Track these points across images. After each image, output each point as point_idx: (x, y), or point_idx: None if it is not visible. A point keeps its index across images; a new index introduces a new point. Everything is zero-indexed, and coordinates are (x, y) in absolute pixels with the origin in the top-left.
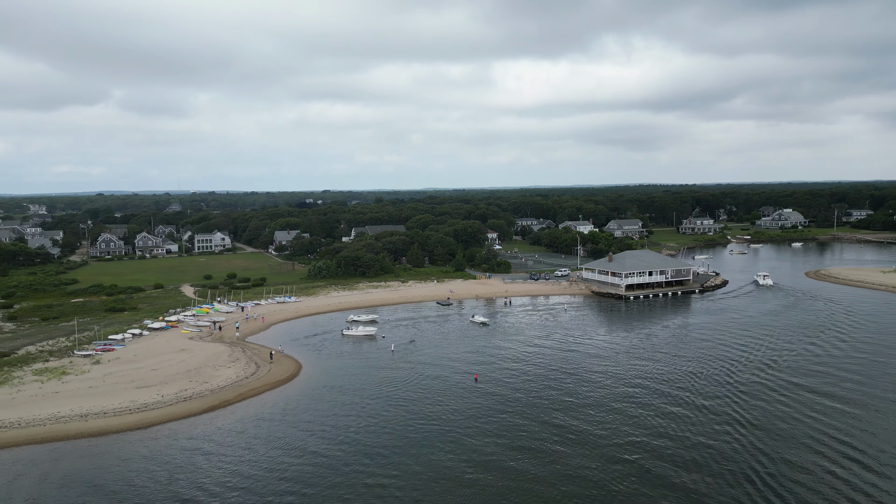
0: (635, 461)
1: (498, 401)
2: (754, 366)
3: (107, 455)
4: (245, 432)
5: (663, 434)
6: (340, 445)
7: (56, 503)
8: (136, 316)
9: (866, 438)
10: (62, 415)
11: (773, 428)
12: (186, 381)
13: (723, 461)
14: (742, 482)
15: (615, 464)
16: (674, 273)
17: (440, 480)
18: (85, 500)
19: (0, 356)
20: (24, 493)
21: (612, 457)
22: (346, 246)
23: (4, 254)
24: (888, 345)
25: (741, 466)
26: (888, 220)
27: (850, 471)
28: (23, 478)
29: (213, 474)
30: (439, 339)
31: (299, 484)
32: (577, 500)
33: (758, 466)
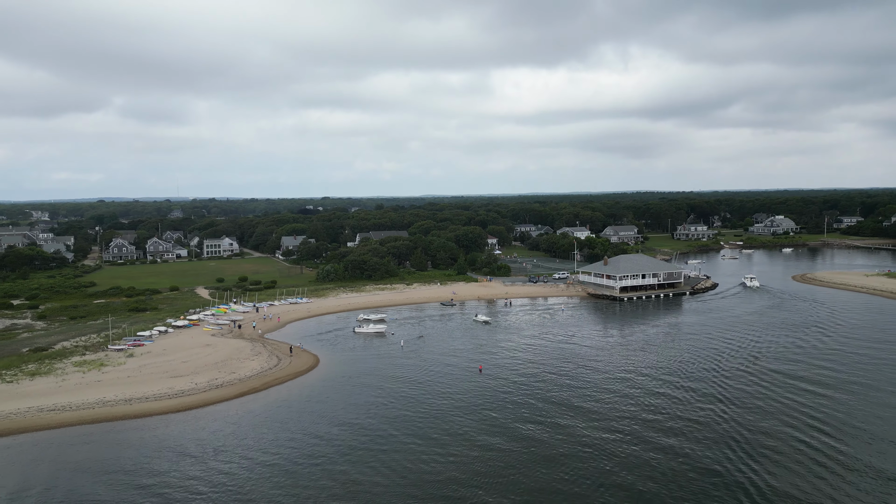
0: (629, 430)
1: (502, 385)
2: (738, 356)
3: (156, 431)
4: (276, 413)
5: (653, 410)
6: (364, 419)
7: (117, 472)
8: (159, 315)
9: (833, 414)
10: (108, 399)
11: (751, 405)
12: (215, 371)
13: (705, 430)
14: (721, 447)
15: (610, 432)
16: (665, 276)
17: (458, 442)
18: (145, 468)
19: (39, 350)
20: (85, 464)
21: (608, 427)
22: (351, 250)
23: (23, 258)
24: (865, 338)
25: (721, 435)
26: (877, 226)
27: (816, 438)
28: (80, 452)
29: (256, 446)
30: (445, 335)
31: (332, 448)
32: (576, 460)
33: (735, 435)
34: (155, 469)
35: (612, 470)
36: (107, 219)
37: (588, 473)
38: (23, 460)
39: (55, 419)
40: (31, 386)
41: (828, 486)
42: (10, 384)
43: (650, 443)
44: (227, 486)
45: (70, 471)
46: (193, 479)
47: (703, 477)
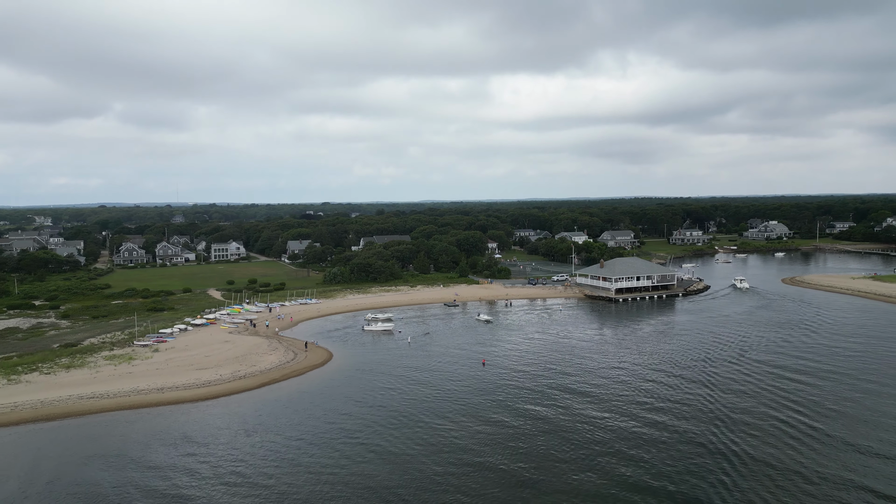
0: (622, 409)
1: (504, 374)
2: (726, 350)
3: (189, 415)
4: (300, 398)
5: (645, 392)
6: (383, 401)
7: (161, 447)
8: (177, 315)
9: (809, 397)
10: (142, 388)
11: (735, 389)
12: (237, 364)
13: (692, 409)
14: (705, 423)
15: (604, 411)
16: (659, 278)
17: (467, 418)
18: (185, 444)
19: (69, 346)
20: (131, 440)
21: (603, 407)
22: (356, 254)
23: (39, 261)
24: (846, 334)
25: (705, 413)
26: (868, 231)
27: (791, 417)
28: (125, 431)
29: (287, 424)
30: (449, 333)
31: (359, 424)
32: (574, 432)
33: (718, 412)
34: (196, 442)
35: (605, 439)
36: (111, 224)
37: (585, 443)
38: (75, 439)
39: (96, 405)
40: (67, 377)
41: (797, 454)
42: (49, 375)
43: (641, 418)
44: (267, 459)
45: (119, 446)
46: (235, 452)
47: (689, 446)
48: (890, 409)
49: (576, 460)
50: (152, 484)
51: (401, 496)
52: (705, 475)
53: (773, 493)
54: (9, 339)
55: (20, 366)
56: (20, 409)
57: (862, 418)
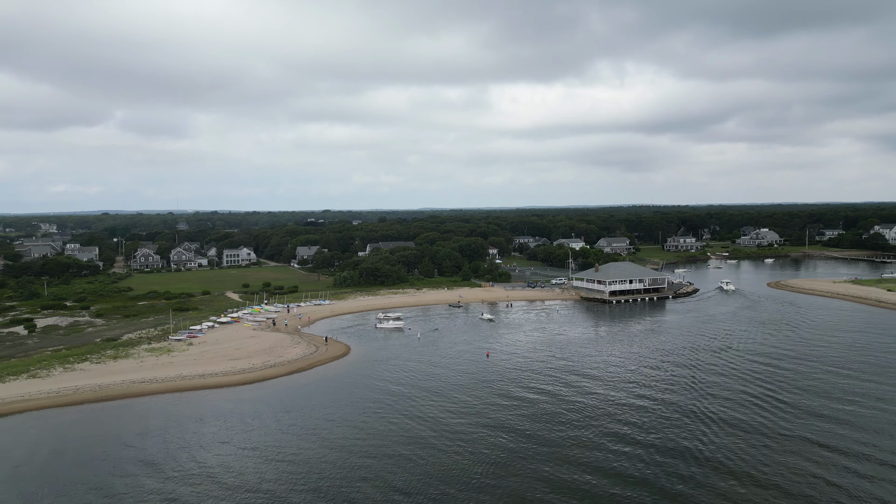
0: (615, 387)
1: (507, 364)
2: (711, 343)
3: (230, 396)
4: (328, 383)
5: (635, 373)
6: (401, 386)
7: (210, 421)
8: (201, 314)
9: (780, 378)
10: (185, 375)
11: (715, 371)
12: (266, 356)
13: (676, 385)
14: (687, 395)
15: (598, 390)
16: (651, 281)
17: (477, 400)
18: (230, 418)
19: (111, 340)
20: (184, 415)
21: (597, 388)
22: (363, 259)
23: (62, 265)
24: (822, 328)
25: (687, 388)
26: (856, 238)
27: (758, 390)
28: (176, 409)
29: (319, 405)
30: (455, 330)
31: (384, 405)
32: (573, 406)
33: (698, 388)
34: (243, 418)
35: (599, 408)
36: (119, 230)
37: (582, 413)
38: (135, 416)
39: (147, 388)
40: (116, 366)
41: (761, 417)
42: (99, 364)
43: (631, 392)
44: (305, 431)
45: (174, 421)
46: (279, 425)
47: (672, 411)
48: (844, 385)
49: (575, 426)
50: (208, 450)
51: (420, 465)
52: (685, 432)
53: (739, 447)
54: (52, 335)
55: (71, 357)
56: (81, 391)
57: (818, 392)
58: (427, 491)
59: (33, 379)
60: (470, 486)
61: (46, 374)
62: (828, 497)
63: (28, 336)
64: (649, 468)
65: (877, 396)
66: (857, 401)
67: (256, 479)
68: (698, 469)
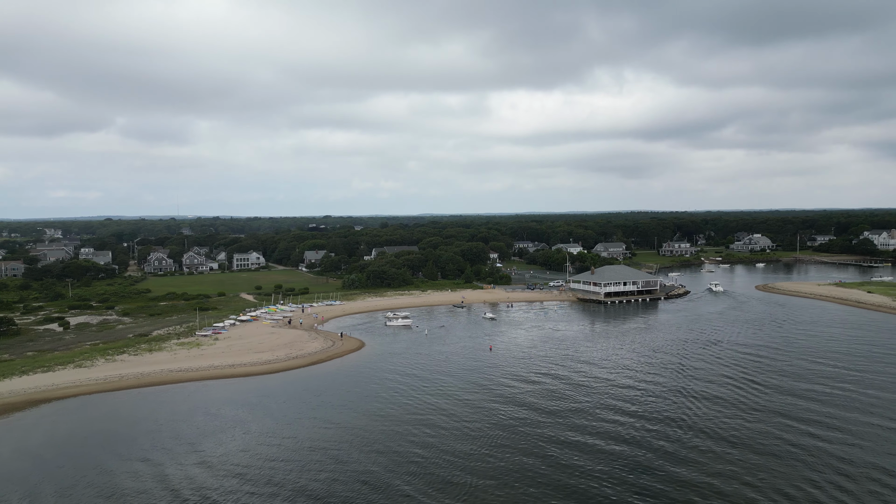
0: (607, 374)
1: (509, 356)
2: (698, 338)
3: (260, 384)
4: (348, 371)
5: (627, 367)
6: (416, 372)
7: (245, 405)
8: (221, 313)
9: (759, 367)
10: (216, 365)
11: (700, 359)
12: (287, 349)
13: (664, 370)
14: (674, 378)
15: (593, 377)
16: (644, 284)
17: (485, 383)
18: (263, 401)
19: (142, 336)
20: (222, 398)
21: (592, 375)
22: (370, 263)
23: (82, 268)
24: (803, 323)
25: (674, 372)
26: (846, 244)
27: (736, 373)
28: (214, 393)
29: (344, 389)
30: (459, 328)
31: (403, 386)
32: (572, 389)
33: (683, 371)
34: (273, 398)
35: (596, 387)
36: (126, 236)
37: (580, 390)
38: (177, 399)
39: (184, 376)
40: (152, 358)
41: (737, 395)
42: (137, 356)
43: (624, 375)
44: (333, 409)
45: (214, 403)
46: (306, 405)
47: (660, 390)
48: (815, 369)
49: (571, 397)
50: (249, 425)
51: (445, 429)
52: (671, 405)
53: (717, 417)
54: (86, 331)
55: (110, 350)
56: (126, 378)
57: (790, 375)
58: (454, 447)
59: (79, 368)
60: (489, 444)
61: (91, 365)
62: (788, 453)
63: (64, 332)
64: (638, 431)
65: (842, 379)
66: (824, 382)
67: (302, 445)
68: (681, 432)
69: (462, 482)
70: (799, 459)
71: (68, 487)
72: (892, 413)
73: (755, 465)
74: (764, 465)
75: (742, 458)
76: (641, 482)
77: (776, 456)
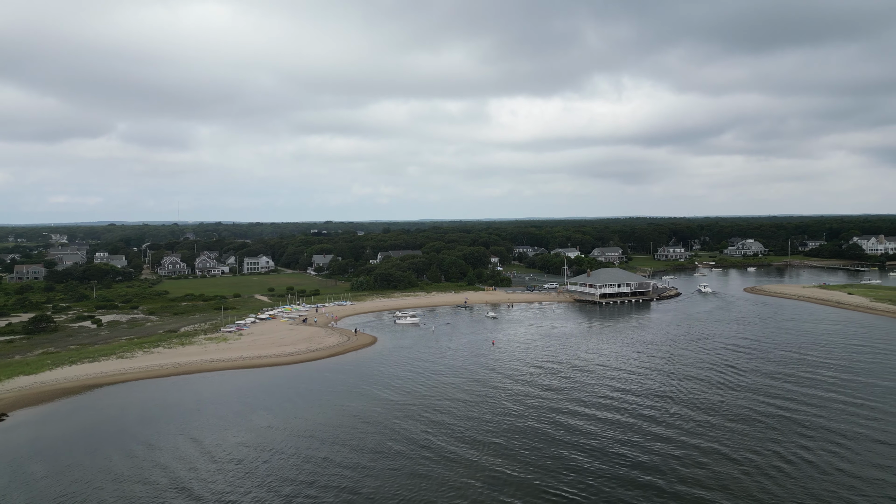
0: (602, 364)
1: (511, 349)
2: (687, 333)
3: (286, 372)
4: (365, 362)
5: (621, 356)
6: (428, 362)
7: (275, 389)
8: (240, 312)
9: (741, 355)
10: (244, 356)
11: (687, 349)
12: (307, 343)
13: (653, 357)
14: (663, 362)
15: (589, 367)
16: (637, 286)
17: (490, 372)
18: (290, 387)
19: (172, 332)
20: (252, 384)
21: (588, 365)
22: (376, 266)
23: (101, 271)
24: (781, 321)
25: (663, 359)
26: (835, 248)
27: (717, 358)
28: (245, 380)
29: (363, 374)
30: (464, 325)
31: (418, 374)
32: (569, 379)
33: (670, 357)
34: (302, 381)
35: (592, 370)
36: (134, 241)
37: (577, 373)
38: (214, 384)
39: (217, 365)
40: (184, 350)
41: (720, 378)
42: (171, 349)
43: (618, 360)
44: (351, 394)
45: (249, 387)
46: (330, 387)
47: (650, 373)
48: (791, 356)
49: (570, 378)
50: (281, 406)
51: (463, 402)
52: (659, 384)
53: (700, 393)
54: (118, 328)
55: (146, 343)
56: (165, 368)
57: (768, 360)
58: (474, 414)
59: (121, 359)
60: (501, 413)
61: (131, 356)
62: (758, 421)
63: (98, 329)
64: (628, 402)
65: (813, 365)
66: (795, 367)
67: (329, 418)
68: (668, 405)
69: (484, 441)
70: (768, 426)
71: (132, 451)
72: (850, 391)
73: (728, 429)
74: (737, 430)
75: (718, 424)
76: (629, 439)
77: (747, 422)
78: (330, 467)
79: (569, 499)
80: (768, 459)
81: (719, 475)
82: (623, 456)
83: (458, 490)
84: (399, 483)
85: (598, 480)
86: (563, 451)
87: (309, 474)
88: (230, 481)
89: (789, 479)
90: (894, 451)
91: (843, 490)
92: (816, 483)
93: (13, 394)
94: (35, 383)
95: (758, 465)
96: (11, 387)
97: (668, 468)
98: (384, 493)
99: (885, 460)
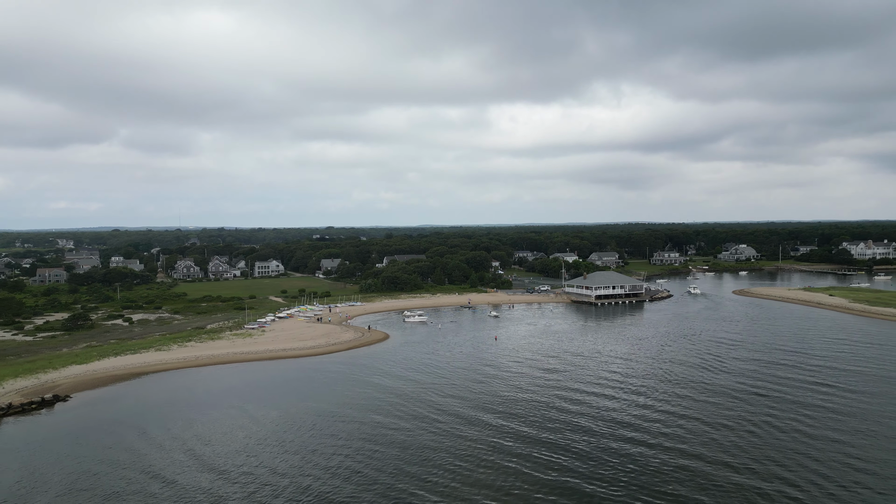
0: (596, 357)
1: (512, 345)
2: (674, 329)
3: (308, 363)
4: (382, 355)
5: (615, 349)
6: (437, 355)
7: (298, 379)
8: (259, 312)
9: (723, 348)
10: (269, 349)
11: (675, 343)
12: (325, 338)
13: (644, 349)
14: (654, 352)
15: (584, 361)
16: (631, 288)
17: (492, 366)
18: (315, 375)
19: (199, 328)
20: (280, 373)
21: (584, 360)
22: (383, 269)
23: (121, 275)
24: (767, 320)
25: (654, 350)
26: (825, 253)
27: (703, 349)
28: (273, 370)
29: (379, 365)
30: (468, 324)
31: (428, 366)
32: (566, 373)
33: (660, 349)
34: (321, 372)
35: (590, 356)
36: (142, 246)
37: (575, 363)
38: (248, 371)
39: (248, 357)
40: (215, 344)
41: (706, 364)
42: (203, 343)
43: (612, 353)
44: (369, 384)
45: (278, 375)
46: (357, 374)
47: (642, 361)
48: (770, 347)
49: (569, 369)
50: (310, 392)
51: (473, 389)
52: (651, 368)
53: (687, 376)
54: (148, 326)
55: (179, 338)
56: (200, 358)
57: (750, 348)
58: (486, 389)
59: (159, 352)
60: (510, 389)
61: (168, 349)
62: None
63: (130, 326)
64: (620, 384)
65: (789, 350)
66: (771, 355)
67: (353, 399)
68: (658, 385)
69: (496, 409)
70: (745, 402)
71: (188, 422)
72: (820, 375)
73: (710, 403)
74: (718, 403)
75: (701, 400)
76: (618, 417)
77: (724, 396)
78: (378, 429)
79: (570, 448)
80: (740, 424)
81: (696, 432)
82: (614, 420)
83: (472, 442)
84: (434, 440)
85: (594, 437)
86: (564, 416)
87: (360, 437)
88: (300, 443)
89: (757, 438)
90: (845, 419)
91: (800, 447)
92: (779, 442)
93: (70, 380)
94: (87, 371)
95: (731, 428)
96: (67, 374)
97: (654, 430)
98: (421, 442)
99: (838, 425)
